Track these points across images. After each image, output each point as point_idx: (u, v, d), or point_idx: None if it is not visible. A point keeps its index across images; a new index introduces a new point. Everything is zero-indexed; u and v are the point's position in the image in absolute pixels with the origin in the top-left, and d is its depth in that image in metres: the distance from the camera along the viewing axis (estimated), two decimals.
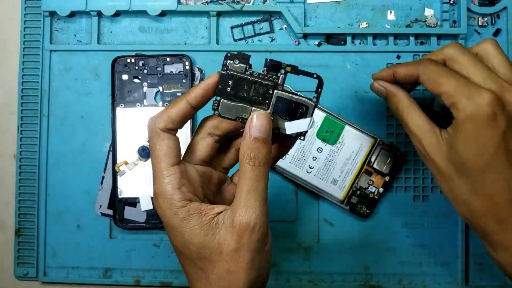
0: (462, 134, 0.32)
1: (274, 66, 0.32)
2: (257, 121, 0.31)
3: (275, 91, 0.32)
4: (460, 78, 0.33)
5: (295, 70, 0.32)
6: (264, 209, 0.31)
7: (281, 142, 0.35)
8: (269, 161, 0.31)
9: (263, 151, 0.31)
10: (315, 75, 0.32)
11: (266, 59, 0.32)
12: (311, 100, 0.32)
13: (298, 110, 0.32)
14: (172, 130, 0.32)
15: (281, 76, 0.32)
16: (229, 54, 0.32)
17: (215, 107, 0.32)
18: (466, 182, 0.33)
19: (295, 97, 0.32)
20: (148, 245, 0.51)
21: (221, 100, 0.32)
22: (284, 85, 0.32)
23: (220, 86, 0.32)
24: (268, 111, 0.32)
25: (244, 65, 0.31)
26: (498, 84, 0.33)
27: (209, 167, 0.35)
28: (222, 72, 0.32)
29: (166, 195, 0.30)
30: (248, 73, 0.32)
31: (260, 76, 0.32)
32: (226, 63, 0.32)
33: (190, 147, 0.34)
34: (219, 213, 0.31)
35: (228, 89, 0.32)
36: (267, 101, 0.32)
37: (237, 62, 0.31)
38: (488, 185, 0.33)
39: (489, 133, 0.32)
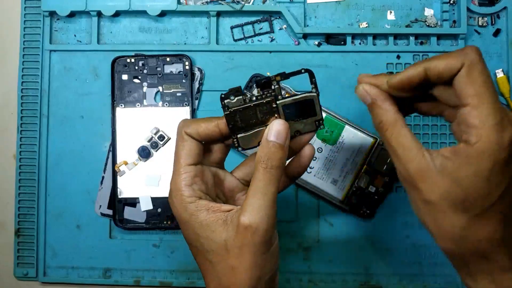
0: (475, 168, 0.27)
1: (265, 83, 0.33)
2: (274, 127, 0.32)
3: (277, 102, 0.33)
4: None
5: (284, 75, 0.33)
6: (271, 212, 0.31)
7: (299, 150, 0.35)
8: (282, 166, 0.32)
9: (277, 155, 0.32)
10: (303, 70, 0.33)
11: (256, 81, 0.33)
12: (311, 92, 0.33)
13: (306, 106, 0.33)
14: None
15: (275, 87, 0.33)
16: (222, 95, 0.32)
17: (236, 144, 0.33)
18: (463, 218, 0.29)
19: (298, 97, 0.33)
20: (148, 245, 0.51)
21: (238, 136, 0.33)
22: (285, 86, 0.33)
23: (230, 126, 0.33)
24: None
25: (241, 96, 0.32)
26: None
27: (222, 169, 0.36)
28: (226, 113, 0.33)
29: (178, 191, 0.32)
30: (248, 100, 0.33)
31: (258, 97, 0.33)
32: (225, 103, 0.33)
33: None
34: (227, 211, 0.32)
35: (239, 123, 0.33)
36: (276, 115, 0.33)
37: (232, 98, 0.32)
38: (489, 222, 0.29)
39: (505, 173, 0.28)
